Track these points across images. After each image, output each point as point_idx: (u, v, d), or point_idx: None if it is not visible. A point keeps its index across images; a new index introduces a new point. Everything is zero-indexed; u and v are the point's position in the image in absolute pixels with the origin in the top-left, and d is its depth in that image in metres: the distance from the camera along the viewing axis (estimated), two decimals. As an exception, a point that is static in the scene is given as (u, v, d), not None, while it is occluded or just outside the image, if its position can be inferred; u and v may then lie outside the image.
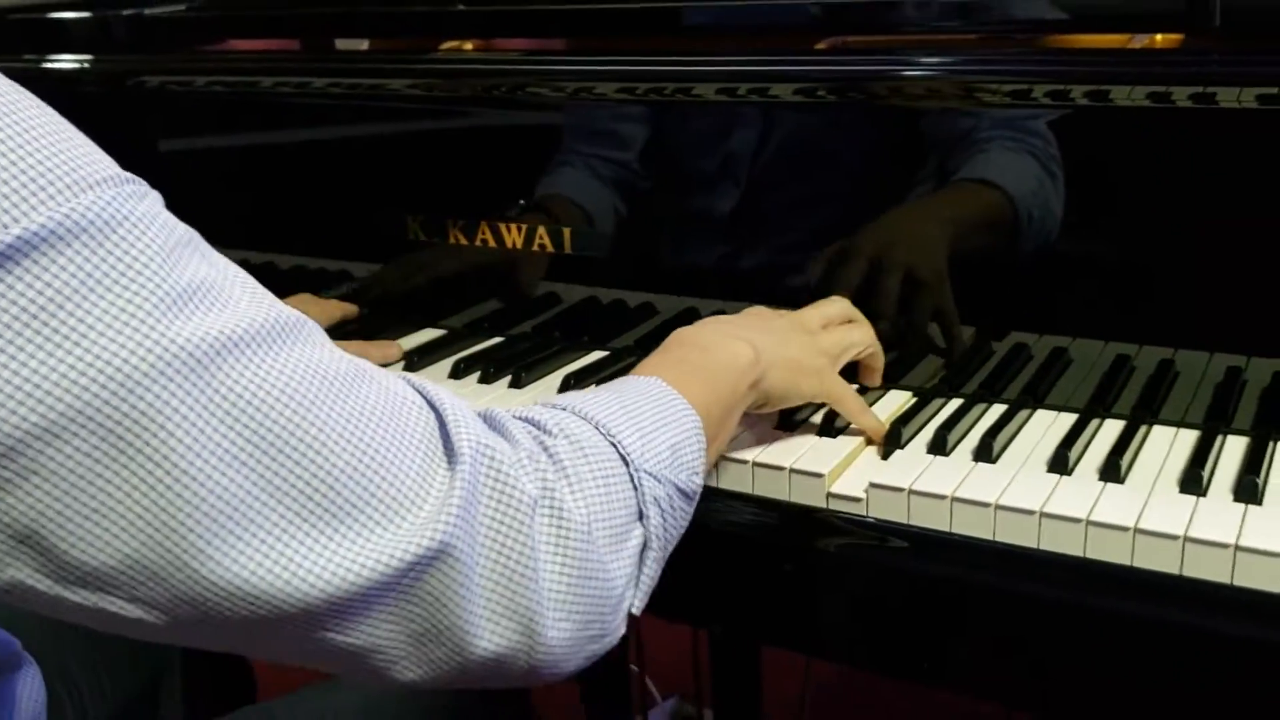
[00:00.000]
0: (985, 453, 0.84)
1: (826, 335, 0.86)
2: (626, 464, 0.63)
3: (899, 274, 0.95)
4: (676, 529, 0.67)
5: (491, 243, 1.11)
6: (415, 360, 1.10)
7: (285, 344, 0.52)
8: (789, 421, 0.90)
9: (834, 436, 0.88)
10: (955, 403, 0.94)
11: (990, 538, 0.77)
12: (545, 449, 0.61)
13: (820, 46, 0.99)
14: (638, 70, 1.02)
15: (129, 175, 0.52)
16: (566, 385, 1.00)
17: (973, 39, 0.93)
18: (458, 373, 1.06)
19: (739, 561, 0.86)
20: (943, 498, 0.78)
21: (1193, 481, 0.78)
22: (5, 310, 0.45)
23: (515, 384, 1.02)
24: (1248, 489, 0.77)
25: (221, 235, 1.24)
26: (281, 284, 1.25)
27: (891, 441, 0.86)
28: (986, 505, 0.77)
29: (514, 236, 1.10)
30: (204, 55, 1.36)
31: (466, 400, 0.61)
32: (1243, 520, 0.74)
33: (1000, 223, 0.90)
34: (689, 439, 0.68)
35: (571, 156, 1.08)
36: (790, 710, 1.72)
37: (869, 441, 0.88)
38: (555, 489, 0.59)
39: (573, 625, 0.59)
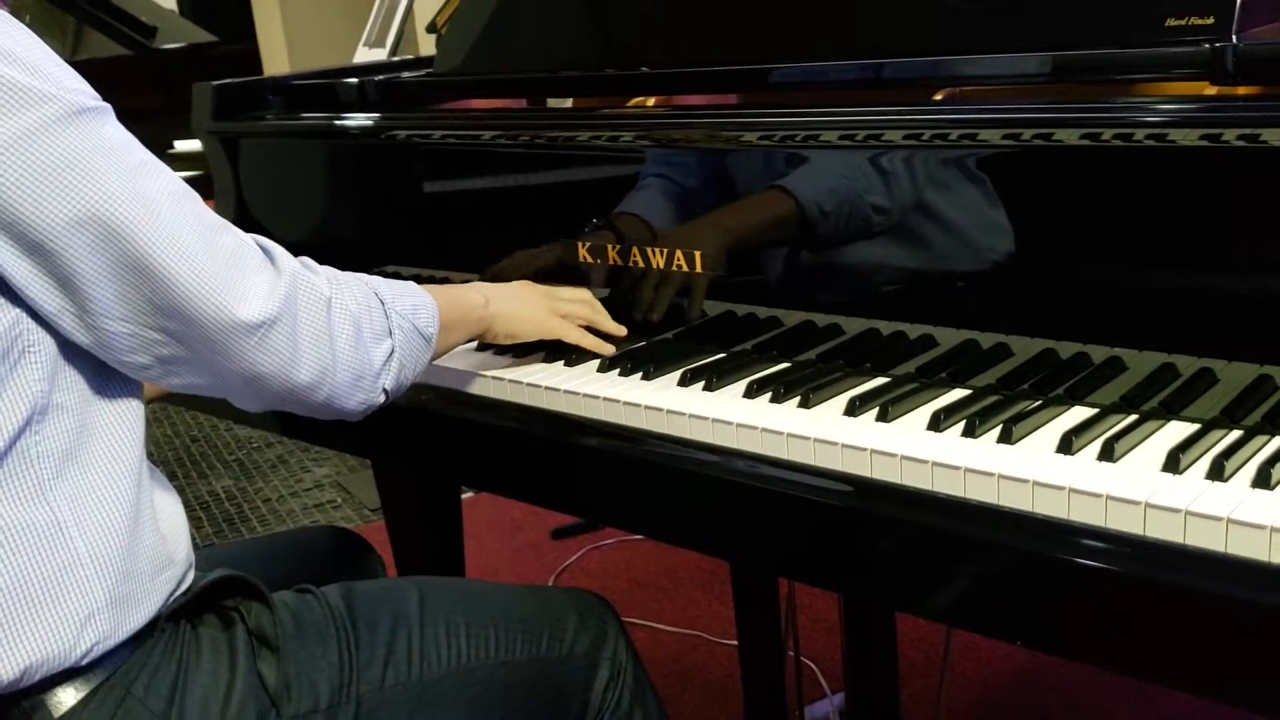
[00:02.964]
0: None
1: (559, 301, 1.29)
2: (383, 304, 1.11)
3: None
4: (414, 354, 1.13)
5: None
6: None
7: (195, 201, 0.98)
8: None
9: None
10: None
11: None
12: (337, 281, 1.08)
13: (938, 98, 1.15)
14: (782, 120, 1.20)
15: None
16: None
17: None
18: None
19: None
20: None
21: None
22: (64, 146, 0.89)
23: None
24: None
25: (450, 258, 1.49)
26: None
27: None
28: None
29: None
30: (439, 114, 1.62)
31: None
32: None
33: (787, 219, 1.18)
34: (426, 307, 1.15)
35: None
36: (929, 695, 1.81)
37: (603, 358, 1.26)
38: (340, 296, 1.06)
39: (350, 376, 1.06)
